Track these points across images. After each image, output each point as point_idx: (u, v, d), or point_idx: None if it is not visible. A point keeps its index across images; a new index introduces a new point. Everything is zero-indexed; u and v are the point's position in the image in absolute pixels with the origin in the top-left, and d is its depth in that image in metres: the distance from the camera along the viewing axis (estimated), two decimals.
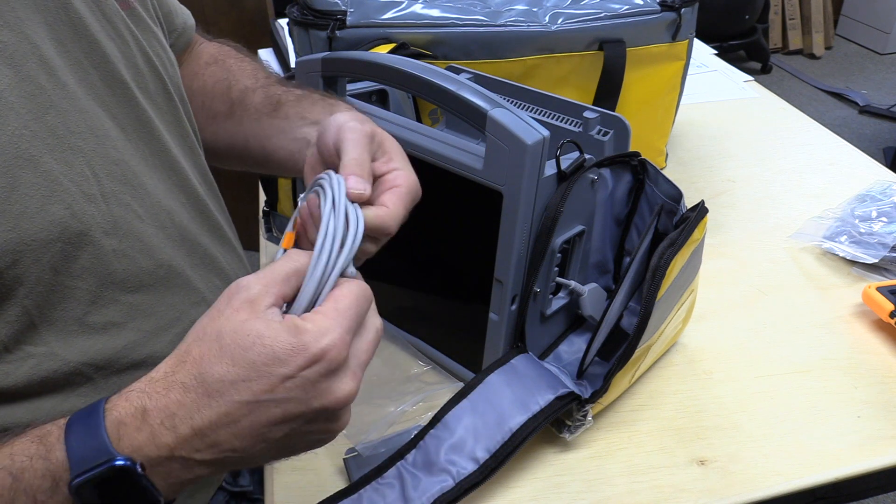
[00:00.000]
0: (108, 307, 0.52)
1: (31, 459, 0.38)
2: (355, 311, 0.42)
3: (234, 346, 0.39)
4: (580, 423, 0.67)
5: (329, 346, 0.39)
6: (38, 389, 0.50)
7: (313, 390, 0.40)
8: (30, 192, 0.45)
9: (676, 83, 1.03)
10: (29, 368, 0.49)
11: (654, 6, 0.95)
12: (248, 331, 0.39)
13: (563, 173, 0.64)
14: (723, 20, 3.09)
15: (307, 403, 0.40)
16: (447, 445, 0.63)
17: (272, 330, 0.39)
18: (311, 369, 0.39)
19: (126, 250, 0.53)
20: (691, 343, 0.79)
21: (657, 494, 0.63)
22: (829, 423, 0.70)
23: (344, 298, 0.42)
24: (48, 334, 0.49)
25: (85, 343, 0.51)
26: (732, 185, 1.07)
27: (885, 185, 0.99)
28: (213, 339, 0.39)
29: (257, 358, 0.39)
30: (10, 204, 0.44)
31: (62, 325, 0.50)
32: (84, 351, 0.51)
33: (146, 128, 0.57)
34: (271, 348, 0.39)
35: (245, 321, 0.39)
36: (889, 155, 2.69)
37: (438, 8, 0.91)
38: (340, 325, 0.40)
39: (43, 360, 0.49)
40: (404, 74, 0.65)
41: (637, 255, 0.66)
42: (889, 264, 0.88)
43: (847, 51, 3.64)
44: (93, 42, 0.53)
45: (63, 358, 0.50)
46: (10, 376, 0.48)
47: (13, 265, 0.45)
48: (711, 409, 0.71)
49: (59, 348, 0.49)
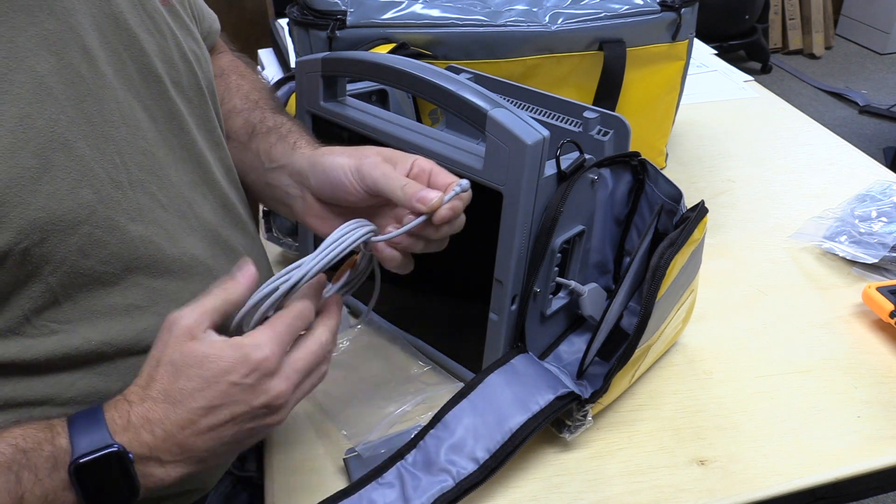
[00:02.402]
0: (132, 291, 0.54)
1: (38, 443, 0.45)
2: (287, 330, 0.51)
3: (186, 367, 0.48)
4: (580, 423, 0.67)
5: (264, 356, 0.49)
6: (59, 365, 0.52)
7: (253, 392, 0.49)
8: (62, 174, 0.48)
9: (676, 83, 1.03)
10: (51, 344, 0.51)
11: (654, 6, 0.95)
12: (195, 353, 0.48)
13: (563, 173, 0.64)
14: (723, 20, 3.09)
15: (249, 403, 0.49)
16: (447, 445, 0.63)
17: (215, 349, 0.48)
18: (251, 376, 0.48)
19: (151, 237, 0.55)
20: (691, 343, 0.79)
21: (657, 494, 0.63)
22: (829, 423, 0.70)
23: (279, 319, 0.51)
24: (72, 312, 0.51)
25: (107, 324, 0.53)
26: (732, 185, 1.07)
27: (885, 185, 0.99)
28: (168, 364, 0.48)
29: (208, 373, 0.48)
30: (42, 184, 0.47)
31: (86, 305, 0.52)
32: (106, 331, 0.53)
33: (176, 121, 0.59)
34: (218, 363, 0.48)
35: (189, 346, 0.48)
36: (889, 155, 2.69)
37: (438, 8, 0.91)
38: (272, 340, 0.49)
39: (65, 336, 0.51)
40: (404, 74, 0.65)
41: (637, 255, 0.66)
42: (889, 264, 0.88)
43: (847, 51, 3.64)
44: (132, 36, 0.55)
45: (85, 336, 0.52)
46: (32, 350, 0.50)
47: (40, 243, 0.47)
48: (711, 409, 0.71)
49: (81, 327, 0.52)
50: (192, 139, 0.61)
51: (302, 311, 0.52)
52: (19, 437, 0.45)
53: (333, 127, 0.74)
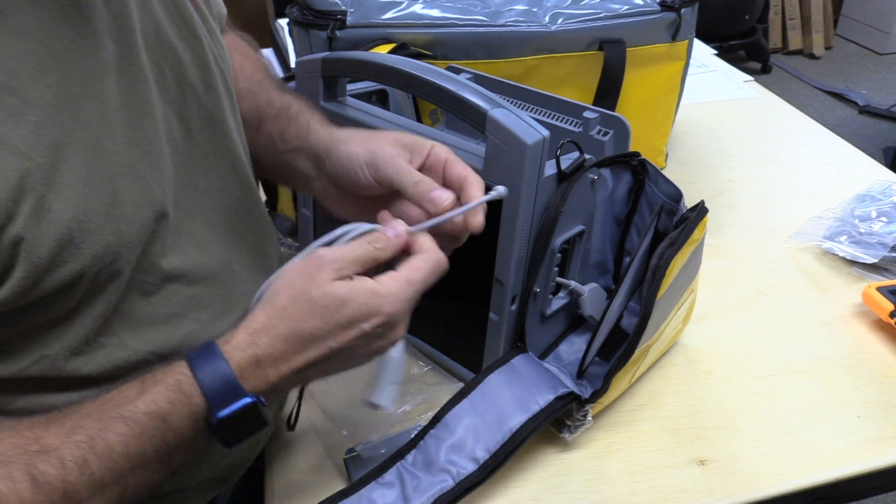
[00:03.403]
0: (171, 300, 0.55)
1: (172, 404, 0.47)
2: (423, 284, 0.53)
3: (323, 307, 0.50)
4: (580, 423, 0.67)
5: (394, 310, 0.52)
6: (108, 377, 0.52)
7: (377, 339, 0.52)
8: (128, 197, 0.48)
9: (676, 83, 1.03)
10: (101, 358, 0.51)
11: (654, 6, 0.95)
12: (335, 294, 0.50)
13: (563, 173, 0.64)
14: (723, 20, 3.09)
15: (370, 346, 0.53)
16: (447, 445, 0.63)
17: (353, 293, 0.51)
18: (379, 327, 0.51)
19: (186, 248, 0.55)
20: (691, 343, 0.79)
21: (657, 494, 0.63)
22: (829, 423, 0.70)
23: (417, 272, 0.53)
24: (118, 326, 0.52)
25: (151, 334, 0.54)
26: (732, 185, 1.07)
27: (885, 185, 0.99)
28: (306, 300, 0.50)
29: (341, 318, 0.50)
30: (114, 209, 0.47)
31: (131, 318, 0.52)
32: (150, 341, 0.54)
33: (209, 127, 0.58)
34: (352, 311, 0.50)
35: (331, 287, 0.51)
36: (889, 155, 2.69)
37: (438, 8, 0.91)
38: (407, 293, 0.52)
39: (114, 350, 0.52)
40: (404, 74, 0.65)
41: (637, 255, 0.66)
42: (889, 264, 0.88)
43: (847, 51, 3.63)
44: (171, 47, 0.54)
45: (132, 348, 0.53)
46: (87, 365, 0.51)
47: (111, 264, 0.48)
48: (711, 409, 0.71)
49: (128, 339, 0.53)
50: (225, 145, 0.60)
51: (440, 263, 0.54)
52: (152, 405, 0.47)
53: None
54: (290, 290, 0.51)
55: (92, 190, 0.46)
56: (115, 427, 0.46)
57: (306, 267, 0.52)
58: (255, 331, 0.50)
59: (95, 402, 0.47)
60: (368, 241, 0.54)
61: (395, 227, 0.55)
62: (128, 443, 0.46)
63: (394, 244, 0.54)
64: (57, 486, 0.43)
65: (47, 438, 0.45)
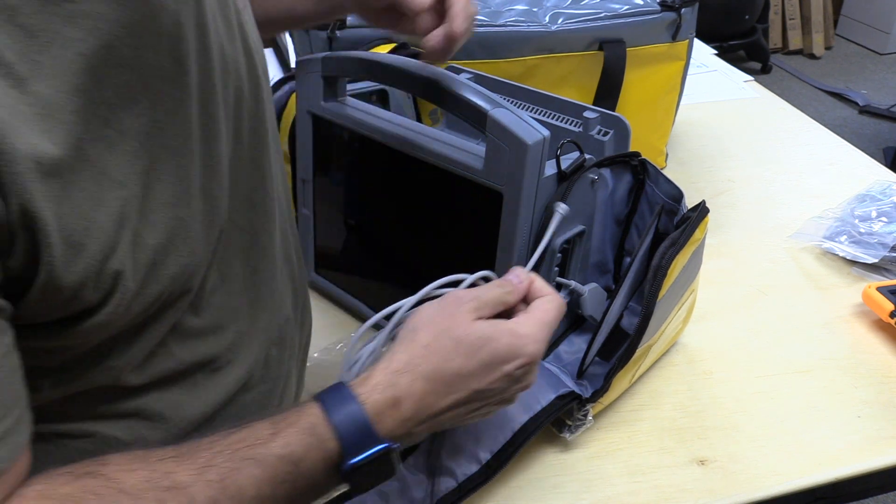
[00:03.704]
0: (216, 311, 0.55)
1: (306, 449, 0.46)
2: (553, 326, 0.53)
3: (468, 345, 0.50)
4: (580, 423, 0.67)
5: (535, 352, 0.51)
6: (149, 386, 0.52)
7: (515, 382, 0.52)
8: (202, 217, 0.49)
9: (676, 83, 1.03)
10: (150, 368, 0.52)
11: (654, 6, 0.95)
12: (479, 332, 0.50)
13: (564, 173, 0.64)
14: (723, 20, 3.08)
15: (507, 391, 0.52)
16: (449, 446, 0.63)
17: (497, 332, 0.51)
18: (521, 368, 0.51)
19: (230, 258, 0.55)
20: (691, 343, 0.79)
21: (657, 494, 0.63)
22: (829, 423, 0.70)
23: (548, 314, 0.53)
24: (170, 338, 0.52)
25: (196, 344, 0.54)
26: (732, 185, 1.08)
27: (885, 185, 0.99)
28: (449, 337, 0.50)
29: (486, 357, 0.50)
30: (189, 230, 0.47)
31: (182, 330, 0.52)
32: (195, 352, 0.54)
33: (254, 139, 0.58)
34: (496, 350, 0.50)
35: (475, 326, 0.51)
36: (889, 155, 2.69)
37: None
38: (544, 335, 0.52)
39: (162, 360, 0.52)
40: (405, 74, 0.65)
41: (638, 255, 0.66)
42: (889, 264, 0.88)
43: (847, 51, 3.63)
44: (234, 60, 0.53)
45: (178, 358, 0.53)
46: (138, 377, 0.51)
47: (184, 283, 0.49)
48: (711, 409, 0.71)
49: (177, 350, 0.53)
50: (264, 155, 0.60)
51: (563, 305, 0.55)
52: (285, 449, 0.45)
53: (333, 127, 0.74)
54: (431, 327, 0.51)
55: (174, 215, 0.46)
56: (248, 469, 0.44)
57: (445, 305, 0.52)
58: (395, 371, 0.49)
59: (227, 440, 0.45)
60: (497, 285, 0.54)
61: (518, 274, 0.56)
62: (259, 486, 0.44)
63: (520, 289, 0.55)
64: None
65: (179, 474, 0.43)
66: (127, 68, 0.42)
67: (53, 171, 0.38)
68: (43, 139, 0.37)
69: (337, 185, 0.80)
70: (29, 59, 0.37)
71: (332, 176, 0.80)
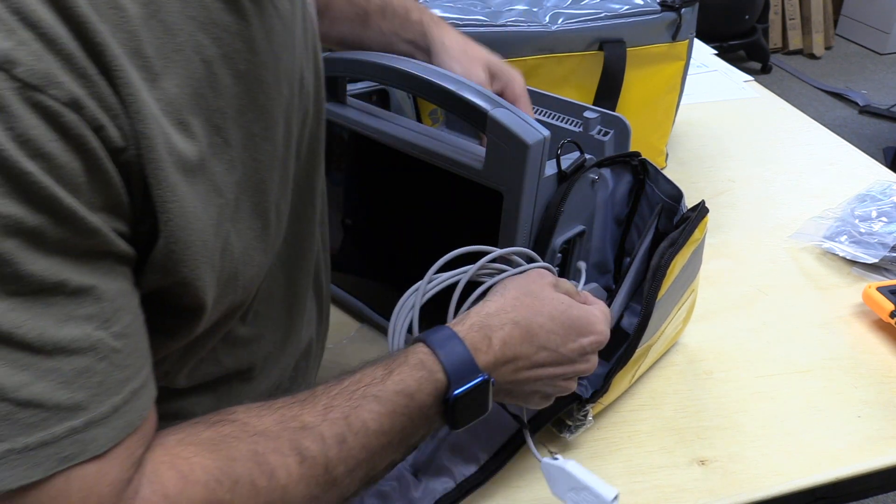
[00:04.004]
0: (259, 321, 0.56)
1: (419, 382, 0.49)
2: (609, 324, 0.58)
3: (551, 307, 0.54)
4: (581, 423, 0.67)
5: (605, 332, 0.56)
6: (197, 390, 0.53)
7: (584, 361, 0.56)
8: (271, 231, 0.50)
9: (676, 83, 1.03)
10: (196, 372, 0.53)
11: (654, 6, 0.95)
12: (562, 300, 0.55)
13: (564, 173, 0.64)
14: (723, 20, 3.08)
15: (577, 366, 0.55)
16: (447, 446, 0.63)
17: (575, 304, 0.56)
18: (593, 344, 0.55)
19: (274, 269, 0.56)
20: (691, 343, 0.79)
21: (657, 494, 0.63)
22: (829, 423, 0.70)
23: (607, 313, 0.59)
24: (219, 344, 0.53)
25: (240, 352, 0.55)
26: (732, 185, 1.08)
27: (885, 185, 0.99)
28: (535, 297, 0.55)
29: (566, 321, 0.54)
30: (260, 242, 0.49)
31: (230, 337, 0.53)
32: (238, 358, 0.55)
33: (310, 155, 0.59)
34: (576, 318, 0.55)
35: (557, 294, 0.56)
36: (889, 155, 2.69)
37: (439, 8, 0.91)
38: (608, 325, 0.57)
39: (208, 365, 0.53)
40: (404, 74, 0.65)
41: (638, 255, 0.66)
42: (889, 264, 0.88)
43: (847, 51, 3.63)
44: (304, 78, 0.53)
45: (223, 365, 0.54)
46: (186, 379, 0.52)
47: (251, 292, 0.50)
48: (711, 409, 0.71)
49: (223, 356, 0.54)
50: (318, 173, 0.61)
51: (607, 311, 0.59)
52: (400, 384, 0.48)
53: (333, 127, 0.74)
54: (519, 288, 0.55)
55: (252, 226, 0.47)
56: (368, 405, 0.47)
57: (530, 275, 0.57)
58: (487, 314, 0.53)
59: (341, 385, 0.48)
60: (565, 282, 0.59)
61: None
62: (380, 420, 0.47)
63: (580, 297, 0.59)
64: (320, 461, 0.44)
65: (305, 416, 0.45)
66: (240, 80, 0.43)
67: (180, 166, 0.39)
68: (172, 133, 0.38)
69: (336, 184, 0.80)
70: (164, 55, 0.38)
71: (331, 176, 0.80)
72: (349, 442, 0.45)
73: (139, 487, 0.38)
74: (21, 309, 0.34)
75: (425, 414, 0.49)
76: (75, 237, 0.35)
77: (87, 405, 0.36)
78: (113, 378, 0.37)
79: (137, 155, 0.36)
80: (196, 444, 0.42)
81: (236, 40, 0.42)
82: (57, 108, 0.33)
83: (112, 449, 0.37)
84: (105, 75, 0.34)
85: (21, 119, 0.32)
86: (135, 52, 0.36)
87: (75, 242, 0.35)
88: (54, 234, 0.34)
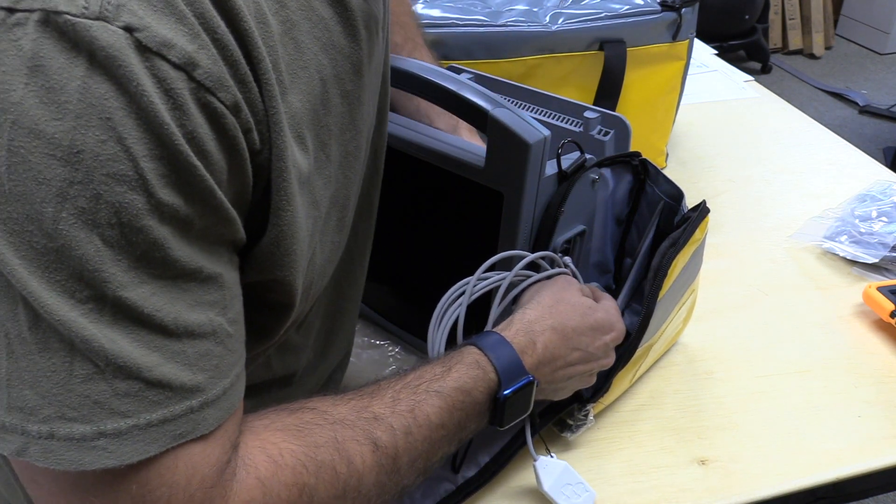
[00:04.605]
0: (307, 330, 0.58)
1: (475, 380, 0.52)
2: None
3: (581, 311, 0.59)
4: (581, 423, 0.67)
5: (623, 329, 0.62)
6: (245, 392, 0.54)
7: (604, 356, 0.61)
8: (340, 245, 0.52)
9: (677, 83, 1.03)
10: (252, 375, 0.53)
11: (654, 6, 0.95)
12: (587, 301, 0.61)
13: (564, 173, 0.64)
14: (723, 20, 3.08)
15: (600, 361, 0.61)
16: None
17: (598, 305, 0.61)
18: (612, 342, 0.61)
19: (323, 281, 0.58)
20: (692, 343, 0.79)
21: (658, 494, 0.63)
22: (830, 423, 0.70)
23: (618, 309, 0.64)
24: (272, 350, 0.54)
25: (288, 359, 0.57)
26: (732, 185, 1.08)
27: (885, 185, 0.99)
28: (566, 303, 0.59)
29: (593, 322, 0.59)
30: (333, 255, 0.52)
31: (282, 344, 0.54)
32: (286, 364, 0.57)
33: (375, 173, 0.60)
34: (601, 318, 0.60)
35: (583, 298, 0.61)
36: (889, 155, 2.69)
37: (439, 8, 0.91)
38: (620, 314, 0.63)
39: (259, 369, 0.54)
40: (405, 74, 0.65)
41: (638, 255, 0.66)
42: (889, 264, 0.88)
43: (847, 51, 3.63)
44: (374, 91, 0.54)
45: (272, 369, 0.56)
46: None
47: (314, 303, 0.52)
48: (712, 408, 0.71)
49: (274, 362, 0.56)
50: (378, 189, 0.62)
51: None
52: (456, 382, 0.51)
53: None
54: (553, 295, 0.59)
55: (333, 240, 0.49)
56: (430, 400, 0.50)
57: (558, 281, 0.62)
58: (529, 321, 0.57)
59: (404, 381, 0.50)
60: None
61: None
62: (441, 414, 0.50)
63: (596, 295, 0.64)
64: (390, 451, 0.46)
65: (375, 407, 0.48)
66: (345, 101, 0.45)
67: (297, 177, 0.41)
68: (292, 144, 0.40)
69: None
70: (292, 71, 0.40)
71: None
72: (414, 434, 0.48)
73: (236, 469, 0.40)
74: (161, 293, 0.36)
75: (478, 411, 0.52)
76: (216, 227, 0.37)
77: (204, 387, 0.38)
78: (225, 361, 0.39)
79: (268, 160, 0.39)
80: (282, 430, 0.43)
81: (347, 62, 0.44)
82: (222, 111, 0.36)
83: (216, 430, 0.39)
84: (257, 83, 0.37)
85: (193, 118, 0.34)
86: (274, 65, 0.38)
87: (214, 232, 0.38)
88: (200, 223, 0.36)
